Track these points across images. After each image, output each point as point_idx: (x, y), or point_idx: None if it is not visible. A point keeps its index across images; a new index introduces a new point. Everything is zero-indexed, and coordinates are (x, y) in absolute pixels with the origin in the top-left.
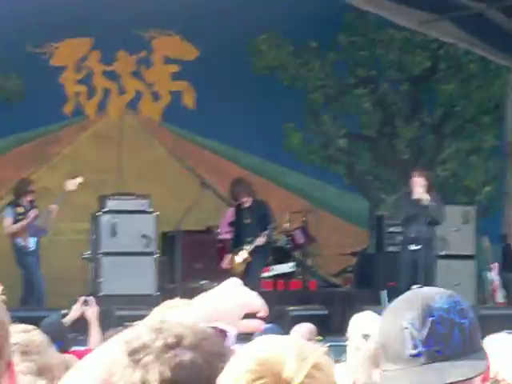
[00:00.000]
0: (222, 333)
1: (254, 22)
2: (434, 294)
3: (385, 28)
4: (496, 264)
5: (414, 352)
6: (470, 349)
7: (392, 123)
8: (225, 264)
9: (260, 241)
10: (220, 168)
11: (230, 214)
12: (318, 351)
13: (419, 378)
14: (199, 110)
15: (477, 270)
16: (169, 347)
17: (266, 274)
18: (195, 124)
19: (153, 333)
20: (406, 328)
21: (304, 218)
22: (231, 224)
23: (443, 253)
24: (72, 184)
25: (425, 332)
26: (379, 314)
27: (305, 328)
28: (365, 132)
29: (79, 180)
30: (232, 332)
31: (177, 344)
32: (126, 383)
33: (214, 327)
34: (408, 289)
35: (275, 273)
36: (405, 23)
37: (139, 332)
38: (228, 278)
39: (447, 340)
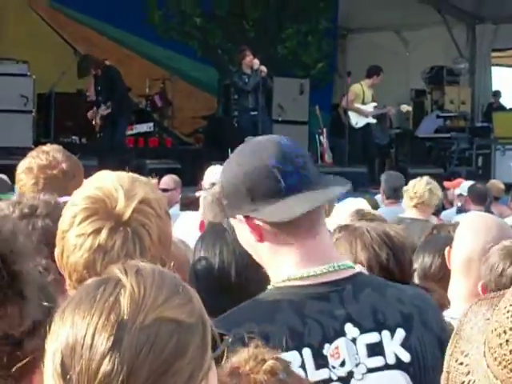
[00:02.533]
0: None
1: None
2: (280, 138)
3: None
4: (325, 129)
5: (285, 185)
6: (321, 178)
7: (241, 5)
8: (89, 114)
9: (103, 110)
10: (90, 39)
11: (92, 80)
12: (147, 187)
13: (309, 198)
14: None
15: (309, 134)
16: (24, 216)
17: (129, 132)
18: (75, 2)
19: (11, 206)
20: (274, 167)
21: (162, 85)
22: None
23: (280, 118)
24: None
25: (290, 167)
26: None
27: (170, 178)
28: (217, 12)
29: None
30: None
31: (31, 213)
32: None
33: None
34: None
35: (136, 131)
36: None
37: (1, 206)
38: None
39: (308, 170)
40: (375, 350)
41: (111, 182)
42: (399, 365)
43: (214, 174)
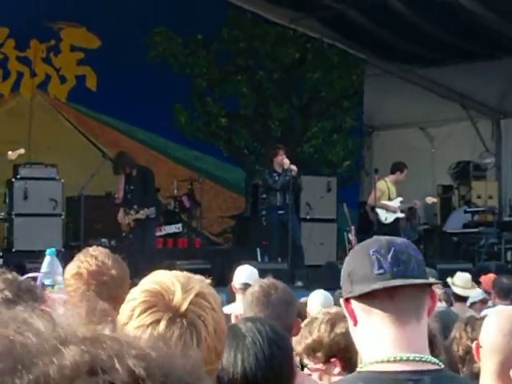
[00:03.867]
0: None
1: (149, 16)
2: (394, 238)
3: (260, 24)
4: (353, 226)
5: (381, 271)
6: (423, 275)
7: (266, 105)
8: (119, 218)
9: (142, 214)
10: (118, 141)
11: (122, 180)
12: (201, 283)
13: (398, 281)
14: (100, 91)
15: (338, 232)
16: None
17: (158, 234)
18: (97, 104)
19: None
20: (373, 254)
21: (190, 186)
22: (123, 189)
23: (308, 216)
24: (14, 154)
25: (389, 256)
26: (255, 267)
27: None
28: (242, 112)
29: (21, 151)
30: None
31: None
32: None
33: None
34: (279, 246)
35: (165, 232)
36: (278, 20)
37: None
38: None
39: (407, 265)
40: None
41: (168, 277)
42: None
43: (243, 273)
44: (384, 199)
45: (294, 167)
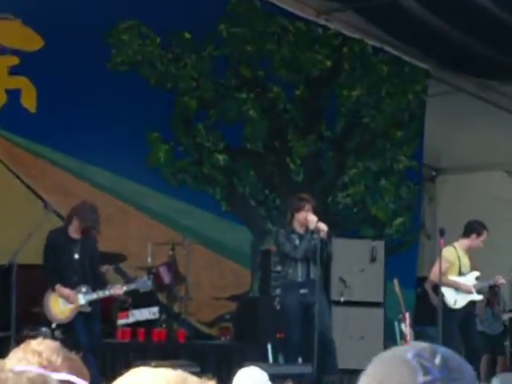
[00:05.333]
0: None
1: (114, 6)
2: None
3: (276, 17)
4: (407, 313)
5: (428, 378)
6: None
7: (283, 136)
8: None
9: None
10: (66, 186)
11: None
12: (180, 373)
13: None
14: (41, 113)
15: (385, 321)
16: None
17: (122, 321)
18: (36, 131)
19: None
20: (414, 359)
21: (171, 252)
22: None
23: (342, 299)
24: None
25: (437, 360)
26: (266, 371)
27: None
28: (249, 146)
29: None
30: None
31: None
32: None
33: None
34: (300, 341)
35: (135, 319)
36: (300, 12)
37: None
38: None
39: (461, 373)
40: None
41: (153, 380)
42: None
43: (248, 381)
44: (453, 274)
45: (323, 226)
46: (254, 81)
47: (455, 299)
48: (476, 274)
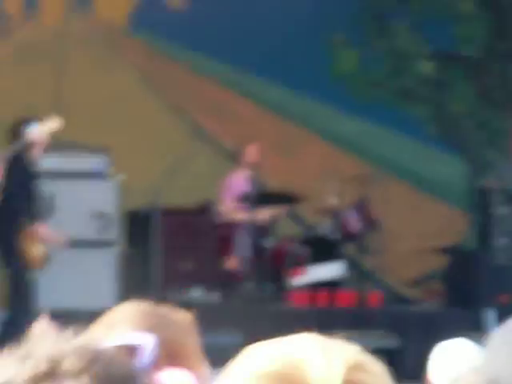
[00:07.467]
0: (131, 350)
1: None
2: None
3: None
4: None
5: None
6: None
7: (509, 37)
8: (230, 264)
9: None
10: (221, 104)
11: (237, 180)
12: (353, 349)
13: None
14: (190, 10)
15: None
16: (40, 378)
17: (297, 281)
18: (182, 34)
19: (18, 361)
20: None
21: (361, 190)
22: (242, 197)
23: None
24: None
25: None
26: (480, 343)
27: None
28: (464, 51)
29: (53, 125)
30: (147, 345)
31: (52, 371)
32: None
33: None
34: None
35: (314, 279)
36: None
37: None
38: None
39: None
40: None
41: (301, 342)
42: None
43: (455, 359)
44: None
45: None
46: None
47: None
48: None
